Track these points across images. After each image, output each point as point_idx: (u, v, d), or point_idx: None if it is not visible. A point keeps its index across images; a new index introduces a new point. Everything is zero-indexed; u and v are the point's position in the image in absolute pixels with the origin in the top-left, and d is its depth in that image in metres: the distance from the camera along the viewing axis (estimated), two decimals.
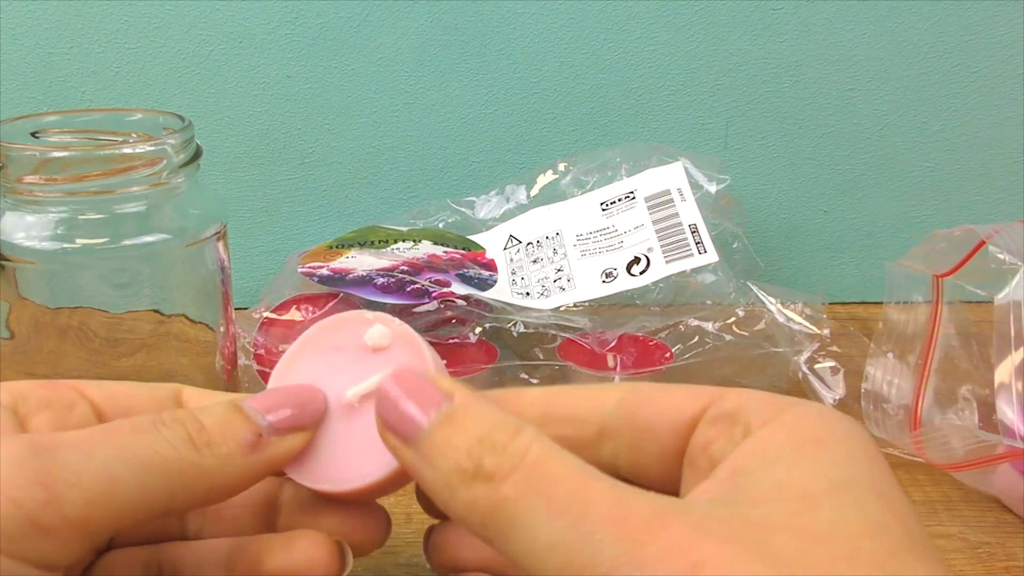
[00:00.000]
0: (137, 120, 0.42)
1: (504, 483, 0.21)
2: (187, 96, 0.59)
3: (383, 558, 0.37)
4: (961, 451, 0.40)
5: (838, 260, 0.65)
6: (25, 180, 0.36)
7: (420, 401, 0.23)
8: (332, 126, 0.61)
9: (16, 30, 0.57)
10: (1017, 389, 0.40)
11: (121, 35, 0.58)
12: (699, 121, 0.61)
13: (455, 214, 0.60)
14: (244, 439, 0.25)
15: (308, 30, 0.58)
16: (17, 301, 0.38)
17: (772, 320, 0.51)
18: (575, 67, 0.60)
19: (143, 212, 0.38)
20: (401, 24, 0.59)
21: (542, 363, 0.51)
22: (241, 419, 0.25)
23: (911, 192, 0.63)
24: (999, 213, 0.63)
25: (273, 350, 0.49)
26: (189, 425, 0.24)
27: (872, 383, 0.48)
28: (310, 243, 0.58)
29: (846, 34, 0.59)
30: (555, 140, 0.62)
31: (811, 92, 0.61)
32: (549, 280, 0.53)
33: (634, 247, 0.53)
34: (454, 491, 0.22)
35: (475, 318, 0.50)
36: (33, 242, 0.37)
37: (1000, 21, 0.59)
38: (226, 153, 0.60)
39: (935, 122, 0.61)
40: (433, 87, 0.60)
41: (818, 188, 0.63)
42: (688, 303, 0.52)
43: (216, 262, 0.41)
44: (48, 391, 0.26)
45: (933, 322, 0.47)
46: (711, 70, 0.60)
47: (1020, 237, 0.43)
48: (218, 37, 0.58)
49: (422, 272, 0.51)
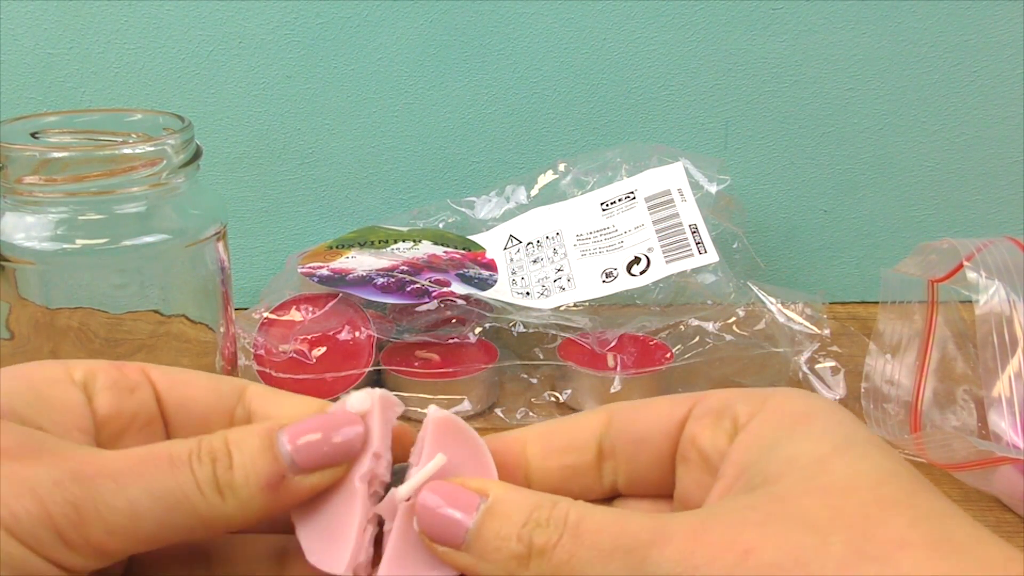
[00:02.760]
0: (137, 120, 0.42)
1: (556, 551, 0.23)
2: (187, 96, 0.59)
3: None
4: (961, 453, 0.40)
5: (838, 260, 0.65)
6: (25, 181, 0.36)
7: (459, 506, 0.24)
8: (332, 126, 0.61)
9: (16, 30, 0.57)
10: (1006, 398, 0.41)
11: (121, 35, 0.58)
12: (699, 121, 0.61)
13: (455, 214, 0.60)
14: (267, 480, 0.25)
15: (308, 30, 0.58)
16: (17, 301, 0.38)
17: (772, 320, 0.51)
18: (575, 67, 0.60)
19: (143, 213, 0.38)
20: (401, 24, 0.59)
21: (542, 363, 0.51)
22: (269, 460, 0.25)
23: (911, 192, 0.63)
24: (998, 213, 0.63)
25: (273, 350, 0.49)
26: (219, 464, 0.24)
27: (871, 383, 0.48)
28: (310, 243, 0.58)
29: (846, 34, 0.59)
30: (555, 140, 0.62)
31: (811, 92, 0.61)
32: (549, 280, 0.53)
33: (634, 247, 0.53)
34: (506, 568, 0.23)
35: (475, 318, 0.50)
36: (33, 243, 0.37)
37: (1000, 21, 0.59)
38: (226, 153, 0.60)
39: (935, 122, 0.61)
40: (433, 87, 0.60)
41: (818, 188, 0.63)
42: (688, 303, 0.52)
43: (216, 262, 0.41)
44: (116, 372, 0.26)
45: (929, 323, 0.47)
46: (711, 70, 0.60)
47: (1005, 253, 0.43)
48: (218, 37, 0.58)
49: (422, 272, 0.51)
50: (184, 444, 0.24)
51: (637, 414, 0.27)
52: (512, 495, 0.24)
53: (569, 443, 0.27)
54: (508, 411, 0.49)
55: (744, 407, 0.25)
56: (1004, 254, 0.43)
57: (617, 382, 0.48)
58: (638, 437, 0.27)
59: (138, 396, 0.27)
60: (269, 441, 0.25)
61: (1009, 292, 0.41)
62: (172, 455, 0.24)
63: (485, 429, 0.48)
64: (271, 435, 0.25)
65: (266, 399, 0.28)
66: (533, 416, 0.48)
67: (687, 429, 0.26)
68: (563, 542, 0.23)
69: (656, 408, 0.27)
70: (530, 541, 0.23)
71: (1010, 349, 0.41)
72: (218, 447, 0.25)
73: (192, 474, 0.24)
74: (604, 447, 0.27)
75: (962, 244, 0.44)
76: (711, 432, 0.25)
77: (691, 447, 0.25)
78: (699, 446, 0.25)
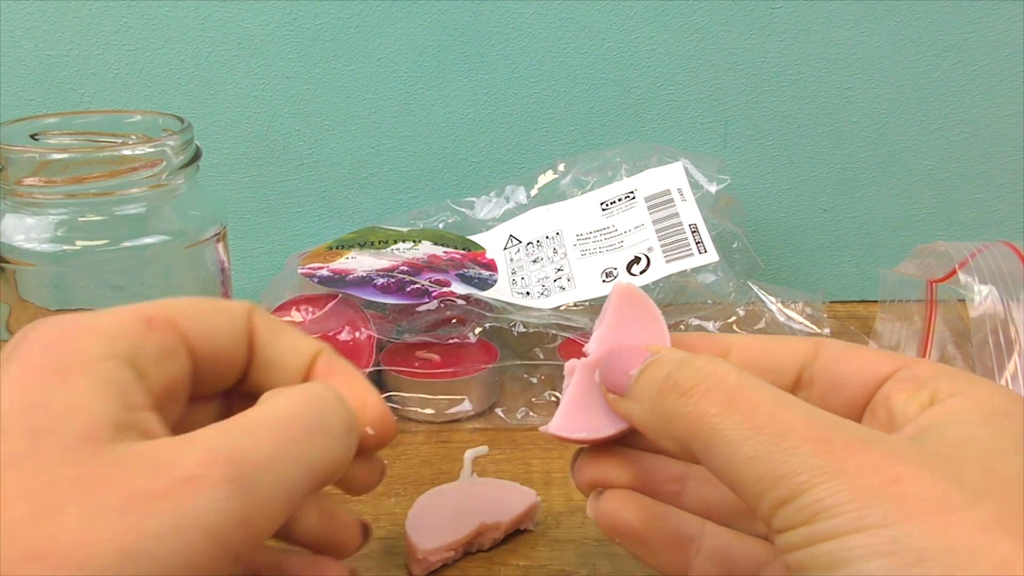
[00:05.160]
0: (136, 122, 0.42)
1: (704, 398, 0.24)
2: (186, 97, 0.59)
3: (385, 558, 0.37)
4: None
5: (838, 259, 0.65)
6: (25, 182, 0.36)
7: (630, 360, 0.27)
8: (332, 126, 0.61)
9: (16, 32, 0.57)
10: None
11: (121, 36, 0.58)
12: (699, 121, 0.61)
13: (455, 214, 0.60)
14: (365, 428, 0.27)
15: (308, 30, 0.58)
16: (17, 303, 0.38)
17: (772, 319, 0.51)
18: (575, 67, 0.60)
19: (143, 214, 0.38)
20: (401, 24, 0.59)
21: (542, 363, 0.51)
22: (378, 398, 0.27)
23: (910, 191, 0.63)
24: (998, 212, 0.63)
25: None
26: (350, 419, 0.25)
27: None
28: (310, 244, 0.58)
29: (846, 34, 0.59)
30: (555, 140, 0.62)
31: (811, 92, 0.61)
32: (549, 280, 0.53)
33: (634, 247, 0.53)
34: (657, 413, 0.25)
35: (475, 318, 0.50)
36: (33, 244, 0.37)
37: (1000, 21, 0.59)
38: (226, 154, 0.60)
39: (935, 122, 0.61)
40: (433, 87, 0.60)
41: (818, 187, 0.63)
42: (689, 302, 0.52)
43: (216, 263, 0.41)
44: (153, 334, 0.24)
45: (928, 323, 0.47)
46: (710, 70, 0.60)
47: (999, 258, 0.43)
48: (217, 38, 0.58)
49: (422, 272, 0.51)
50: (311, 408, 0.24)
51: (844, 357, 0.28)
52: (677, 352, 0.26)
53: (772, 363, 0.28)
54: (508, 411, 0.49)
55: (947, 384, 0.25)
56: (999, 259, 0.43)
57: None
58: (839, 380, 0.27)
59: (178, 357, 0.25)
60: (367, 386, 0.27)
61: (1004, 297, 0.41)
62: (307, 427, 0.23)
63: (486, 429, 0.48)
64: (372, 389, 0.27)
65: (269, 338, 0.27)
66: (533, 416, 0.48)
67: (885, 387, 0.26)
68: (714, 395, 0.23)
69: (863, 358, 0.27)
70: (676, 379, 0.24)
71: (1006, 353, 0.41)
72: (340, 407, 0.25)
73: (327, 438, 0.24)
74: (804, 377, 0.28)
75: (956, 248, 0.44)
76: (907, 397, 0.25)
77: (883, 405, 0.26)
78: (890, 406, 0.25)
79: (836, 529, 0.20)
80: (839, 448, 0.21)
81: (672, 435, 0.25)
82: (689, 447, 0.24)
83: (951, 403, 0.24)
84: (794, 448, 0.21)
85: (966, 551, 0.19)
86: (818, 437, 0.22)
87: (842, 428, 0.22)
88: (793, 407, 0.23)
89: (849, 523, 0.20)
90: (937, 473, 0.21)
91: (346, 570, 0.28)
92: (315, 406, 0.24)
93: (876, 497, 0.20)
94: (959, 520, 0.19)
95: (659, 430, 0.25)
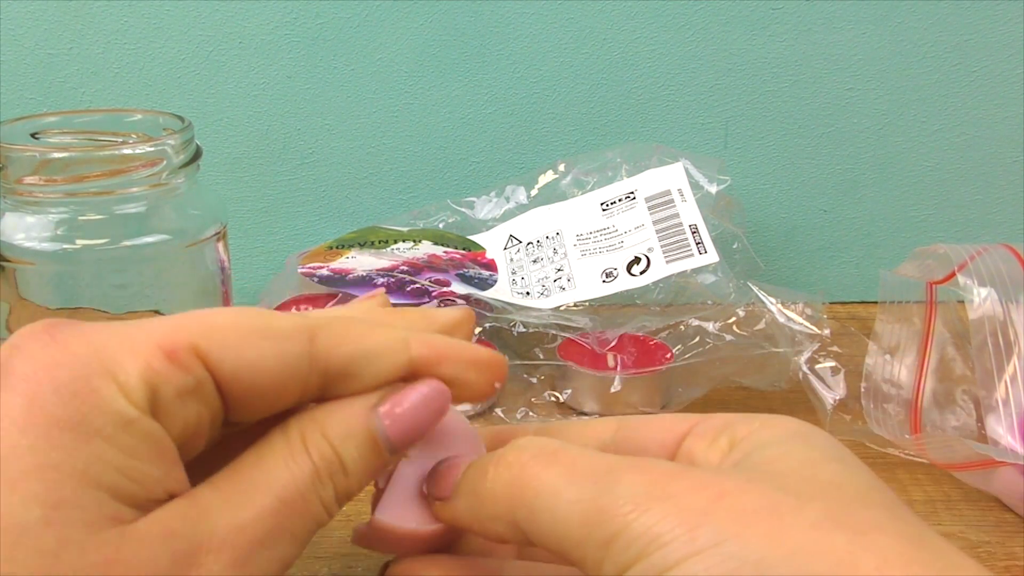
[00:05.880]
0: (137, 121, 0.42)
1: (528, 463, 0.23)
2: (187, 97, 0.59)
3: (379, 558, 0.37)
4: (962, 454, 0.40)
5: (838, 260, 0.65)
6: (25, 181, 0.36)
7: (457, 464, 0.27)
8: (332, 126, 0.61)
9: (16, 30, 0.57)
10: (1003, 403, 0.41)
11: (121, 35, 0.58)
12: (699, 121, 0.61)
13: (455, 214, 0.60)
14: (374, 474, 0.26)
15: (308, 30, 0.58)
16: (17, 302, 0.38)
17: (772, 320, 0.51)
18: (575, 67, 0.60)
19: (143, 213, 0.38)
20: (401, 24, 0.59)
21: (542, 363, 0.51)
22: (376, 456, 0.25)
23: (911, 192, 0.63)
24: (998, 213, 0.63)
25: None
26: (337, 478, 0.24)
27: (871, 383, 0.48)
28: (310, 243, 0.58)
29: (846, 34, 0.59)
30: (555, 140, 0.62)
31: (811, 92, 0.61)
32: (549, 280, 0.53)
33: (634, 247, 0.53)
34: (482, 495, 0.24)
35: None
36: (33, 243, 0.37)
37: (1000, 21, 0.59)
38: (226, 153, 0.60)
39: (935, 122, 0.61)
40: (433, 87, 0.60)
41: (818, 188, 0.63)
42: (688, 303, 0.52)
43: (216, 263, 0.41)
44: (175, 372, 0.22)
45: (928, 324, 0.47)
46: (711, 70, 0.60)
47: (999, 261, 0.43)
48: (218, 38, 0.58)
49: (422, 272, 0.51)
50: (302, 472, 0.23)
51: (642, 425, 0.28)
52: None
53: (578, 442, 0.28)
54: (508, 411, 0.49)
55: (743, 426, 0.25)
56: (998, 261, 0.43)
57: (617, 382, 0.48)
58: (640, 446, 0.27)
59: (202, 397, 0.22)
60: (374, 445, 0.25)
61: (1003, 299, 0.41)
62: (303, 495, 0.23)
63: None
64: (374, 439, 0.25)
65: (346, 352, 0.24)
66: (533, 416, 0.48)
67: (685, 444, 0.26)
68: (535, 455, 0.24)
69: (660, 422, 0.28)
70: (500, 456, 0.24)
71: (1005, 355, 0.41)
72: (329, 457, 0.24)
73: (320, 508, 0.24)
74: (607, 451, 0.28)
75: (955, 251, 0.44)
76: (707, 445, 0.26)
77: (686, 459, 0.26)
78: (693, 459, 0.26)
79: (670, 558, 0.20)
80: (661, 475, 0.22)
81: (498, 513, 0.24)
82: (515, 518, 0.23)
83: (753, 437, 0.24)
84: (616, 480, 0.22)
85: (803, 552, 0.19)
86: (639, 467, 0.22)
87: (662, 462, 0.23)
88: (613, 456, 0.23)
89: (682, 548, 0.20)
90: (762, 484, 0.21)
91: None
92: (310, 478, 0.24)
93: (706, 515, 0.20)
94: (791, 523, 0.20)
95: (484, 512, 0.24)
